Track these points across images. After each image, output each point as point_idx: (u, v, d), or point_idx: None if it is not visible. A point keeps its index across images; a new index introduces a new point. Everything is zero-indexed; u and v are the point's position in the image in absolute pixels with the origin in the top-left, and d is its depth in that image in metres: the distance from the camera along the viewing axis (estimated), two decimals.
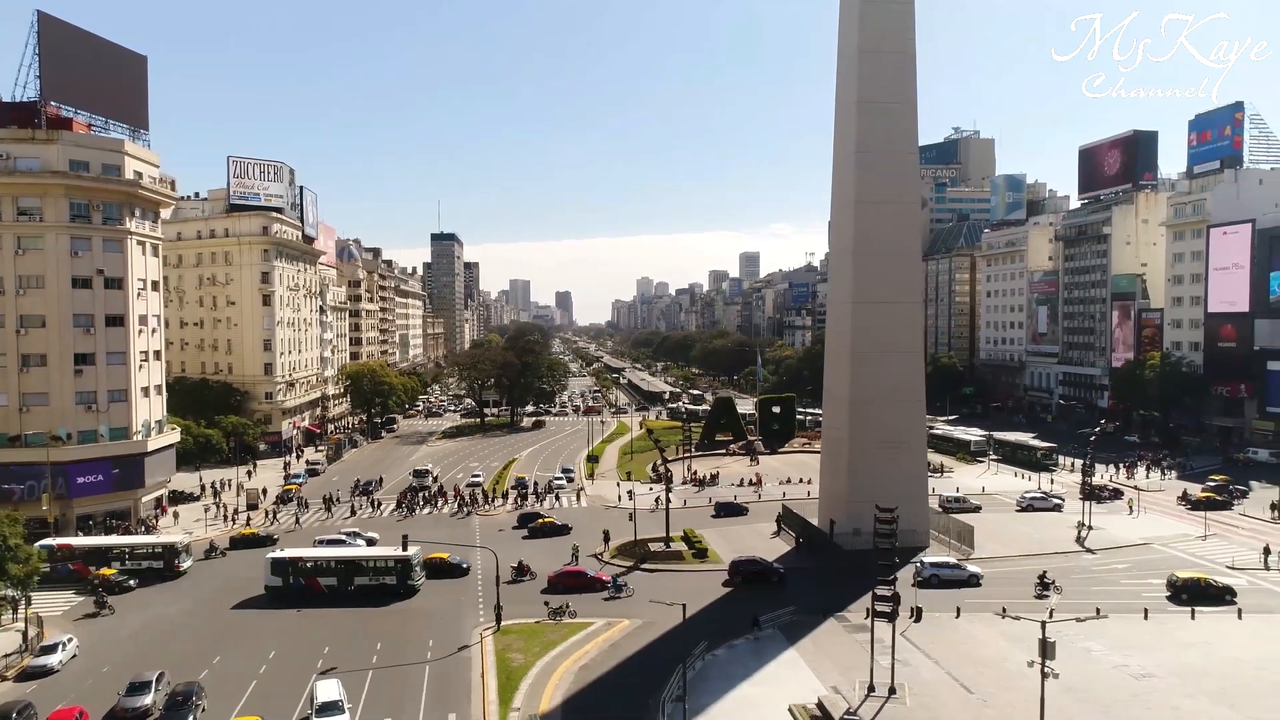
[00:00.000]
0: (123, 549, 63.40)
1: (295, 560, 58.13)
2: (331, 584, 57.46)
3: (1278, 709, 38.33)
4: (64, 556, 61.79)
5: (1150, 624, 49.24)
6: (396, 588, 56.89)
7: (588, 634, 49.35)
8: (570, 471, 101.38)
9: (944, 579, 57.79)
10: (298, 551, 60.29)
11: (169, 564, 62.60)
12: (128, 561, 62.10)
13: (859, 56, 65.11)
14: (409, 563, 57.74)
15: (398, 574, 57.35)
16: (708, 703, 40.13)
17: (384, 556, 58.51)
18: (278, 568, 57.74)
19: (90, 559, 62.05)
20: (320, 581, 57.47)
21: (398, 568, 57.47)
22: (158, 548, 63.51)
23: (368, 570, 57.84)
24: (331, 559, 58.84)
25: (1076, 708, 38.88)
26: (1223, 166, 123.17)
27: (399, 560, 57.70)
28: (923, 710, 38.97)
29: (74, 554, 62.34)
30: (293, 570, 57.66)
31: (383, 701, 40.85)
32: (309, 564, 58.03)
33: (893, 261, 65.72)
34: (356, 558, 59.14)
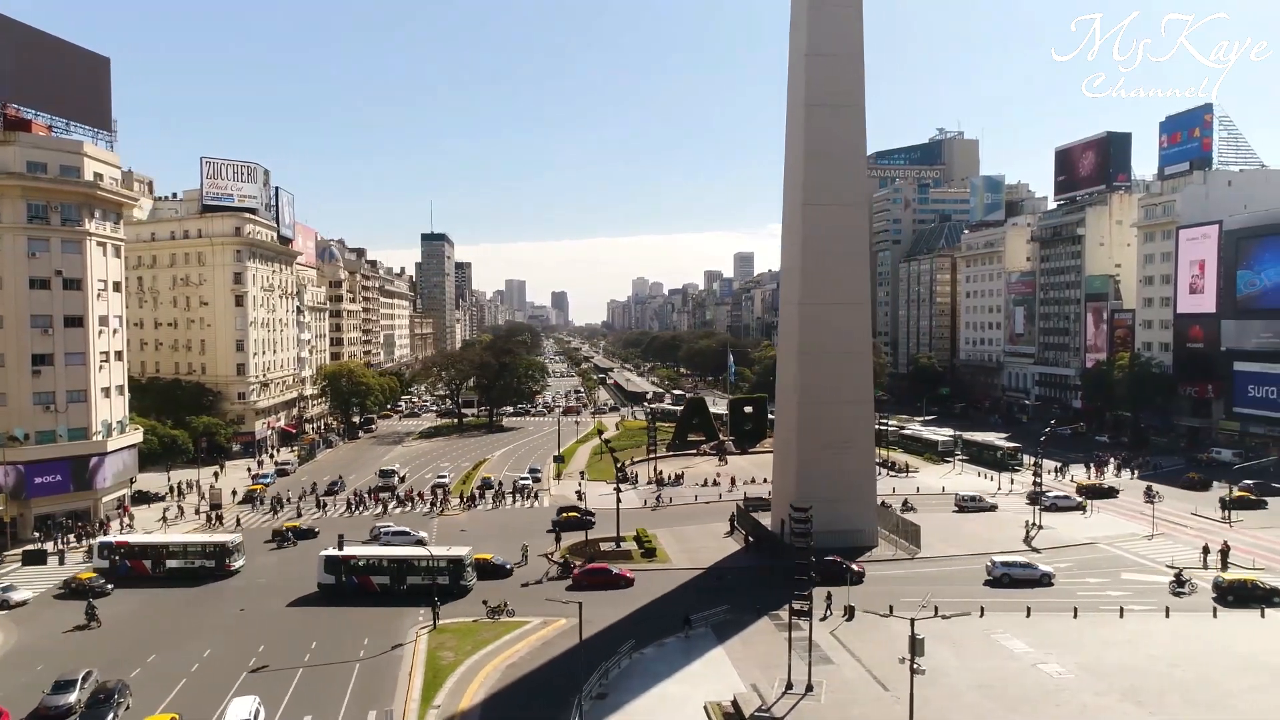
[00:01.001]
0: (177, 547, 63.42)
1: (348, 559, 58.10)
2: (384, 583, 57.23)
3: (1180, 706, 38.81)
4: (123, 554, 62.27)
5: (1079, 622, 49.75)
6: (450, 587, 56.64)
7: (521, 633, 49.83)
8: (537, 472, 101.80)
9: (1015, 578, 57.06)
10: (351, 550, 60.16)
11: (220, 563, 62.28)
12: (181, 560, 62.23)
13: (807, 59, 65.62)
14: (462, 563, 57.96)
15: (451, 574, 57.26)
16: (626, 700, 40.63)
17: (437, 556, 58.31)
18: (330, 566, 57.77)
19: (147, 557, 62.43)
20: (373, 580, 57.40)
21: (451, 568, 57.49)
22: (210, 547, 63.22)
23: (421, 570, 57.63)
24: (385, 558, 58.74)
25: (986, 705, 39.37)
26: (1192, 168, 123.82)
27: (452, 560, 57.90)
28: (835, 708, 39.44)
29: (132, 552, 62.69)
30: (345, 568, 57.60)
31: (307, 700, 41.24)
32: (362, 563, 58.01)
33: (840, 263, 66.18)
34: (410, 557, 58.92)
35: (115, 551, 62.64)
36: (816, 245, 66.03)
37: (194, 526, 78.27)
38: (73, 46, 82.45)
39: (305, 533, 73.80)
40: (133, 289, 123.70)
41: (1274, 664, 43.12)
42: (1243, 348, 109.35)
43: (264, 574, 63.31)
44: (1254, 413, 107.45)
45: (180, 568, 61.94)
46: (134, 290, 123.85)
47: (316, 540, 70.64)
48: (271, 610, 55.15)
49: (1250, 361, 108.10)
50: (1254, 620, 49.87)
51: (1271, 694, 39.79)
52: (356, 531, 72.23)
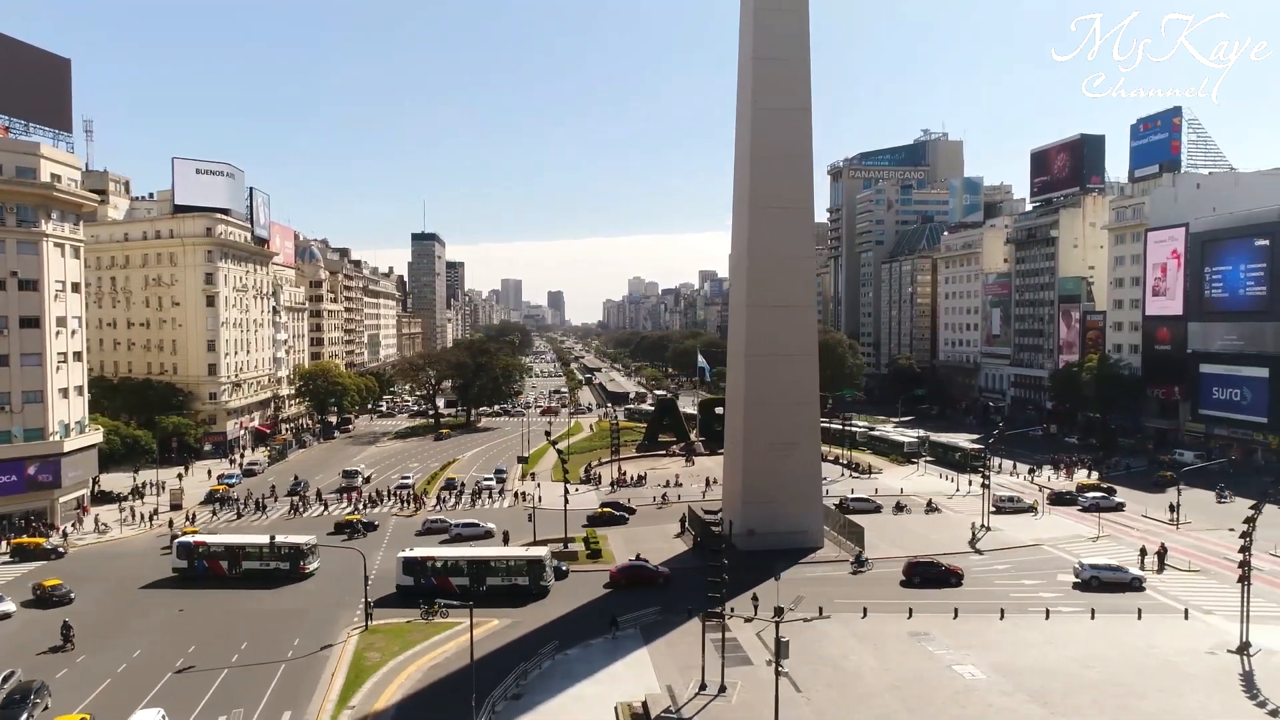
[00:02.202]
0: (253, 549, 62.38)
1: (426, 560, 58.23)
2: (463, 584, 56.63)
3: (1085, 705, 39.25)
4: (201, 554, 62.06)
5: (1005, 623, 50.18)
6: (529, 588, 56.78)
7: (451, 634, 50.07)
8: (503, 473, 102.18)
9: (1105, 581, 55.97)
10: (429, 551, 60.39)
11: (295, 565, 61.61)
12: (257, 562, 61.37)
13: (754, 63, 66.00)
14: (541, 563, 57.83)
15: (530, 575, 57.25)
16: (540, 700, 41.02)
17: (516, 557, 58.46)
18: (409, 567, 57.76)
19: (224, 557, 62.09)
20: (452, 582, 57.00)
21: (530, 568, 57.50)
22: (286, 549, 62.05)
23: (499, 570, 57.65)
24: (463, 559, 58.69)
25: (891, 705, 39.77)
26: (1161, 171, 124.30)
27: (531, 561, 57.90)
28: (743, 708, 39.84)
29: (209, 552, 62.40)
30: (424, 570, 57.64)
31: (225, 701, 41.54)
32: (440, 564, 58.09)
33: (787, 266, 66.62)
34: (488, 558, 58.94)
35: (193, 551, 62.09)
36: (763, 248, 66.45)
37: (160, 527, 78.56)
38: (32, 48, 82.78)
39: (370, 525, 76.32)
40: (106, 289, 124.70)
41: (1187, 665, 43.53)
42: (1208, 350, 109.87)
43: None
44: (1219, 414, 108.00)
45: (256, 569, 61.02)
46: (107, 290, 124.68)
47: (376, 532, 74.09)
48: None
49: (1215, 364, 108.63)
50: (1178, 623, 50.24)
51: (1179, 696, 40.20)
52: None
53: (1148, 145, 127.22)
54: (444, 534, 73.42)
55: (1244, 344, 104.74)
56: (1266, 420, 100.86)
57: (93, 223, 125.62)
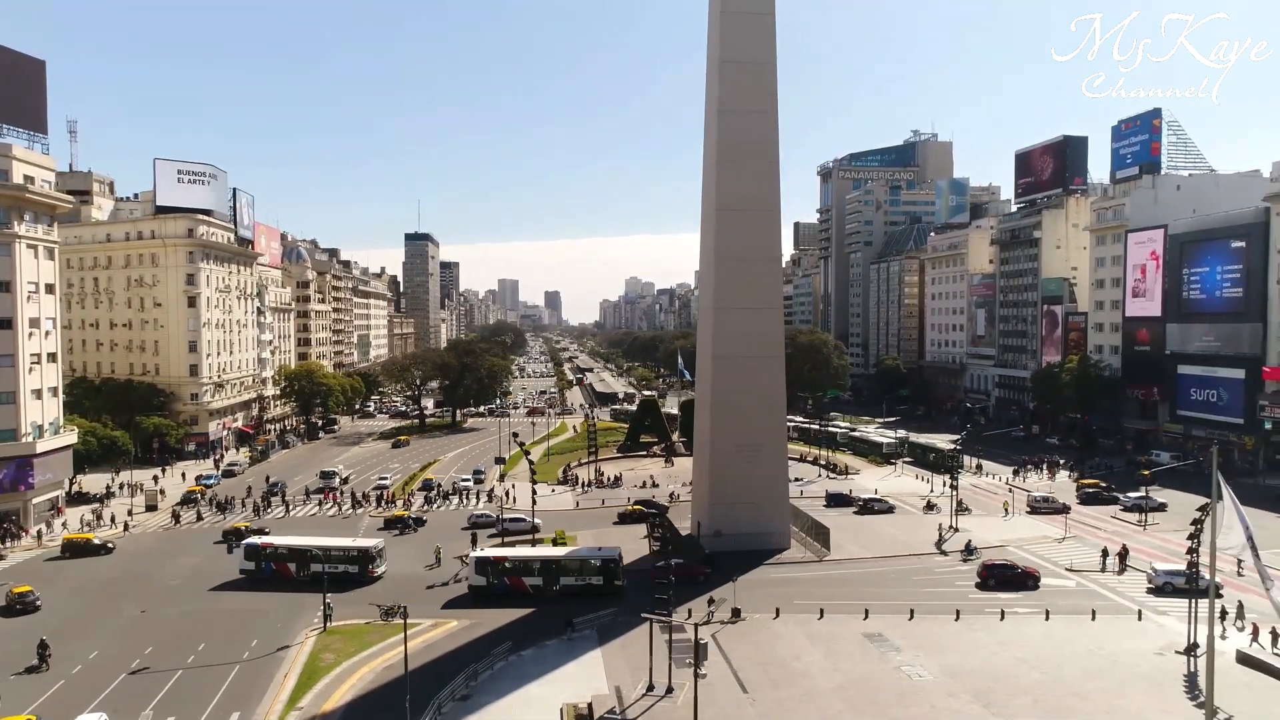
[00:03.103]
0: (320, 551, 61.80)
1: (499, 560, 58.00)
2: (537, 584, 56.81)
3: (1026, 706, 39.50)
4: (267, 556, 61.54)
5: (959, 625, 50.40)
6: (603, 588, 56.70)
7: (410, 634, 50.24)
8: (481, 474, 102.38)
9: (1180, 588, 52.86)
10: (501, 551, 60.14)
11: (364, 568, 60.87)
12: (325, 564, 60.09)
13: (719, 66, 66.26)
14: (615, 563, 57.78)
15: (604, 574, 57.25)
16: (488, 701, 41.20)
17: (590, 557, 58.34)
18: (481, 567, 57.43)
19: (291, 559, 61.46)
20: (525, 582, 56.95)
21: (604, 568, 57.48)
22: (354, 551, 61.72)
23: (572, 570, 57.52)
24: (537, 559, 58.47)
25: (837, 706, 39.99)
26: (1141, 173, 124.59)
27: (606, 560, 57.86)
28: (687, 708, 39.88)
29: (276, 554, 61.80)
30: (496, 569, 57.36)
31: (176, 702, 41.69)
32: (512, 564, 57.82)
33: (754, 268, 66.84)
34: (561, 558, 58.62)
35: (261, 553, 61.63)
36: (729, 250, 66.69)
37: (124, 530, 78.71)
38: (6, 50, 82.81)
39: (420, 520, 77.97)
40: (88, 290, 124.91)
41: (1134, 666, 43.75)
42: (1186, 351, 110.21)
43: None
44: (1196, 415, 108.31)
45: (325, 572, 59.06)
46: (90, 291, 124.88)
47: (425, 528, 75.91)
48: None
49: (1193, 365, 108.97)
50: (1130, 624, 50.50)
51: (1120, 696, 40.44)
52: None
53: (1128, 147, 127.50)
54: (490, 528, 74.02)
55: (1221, 345, 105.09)
56: (1242, 421, 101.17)
57: (75, 224, 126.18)
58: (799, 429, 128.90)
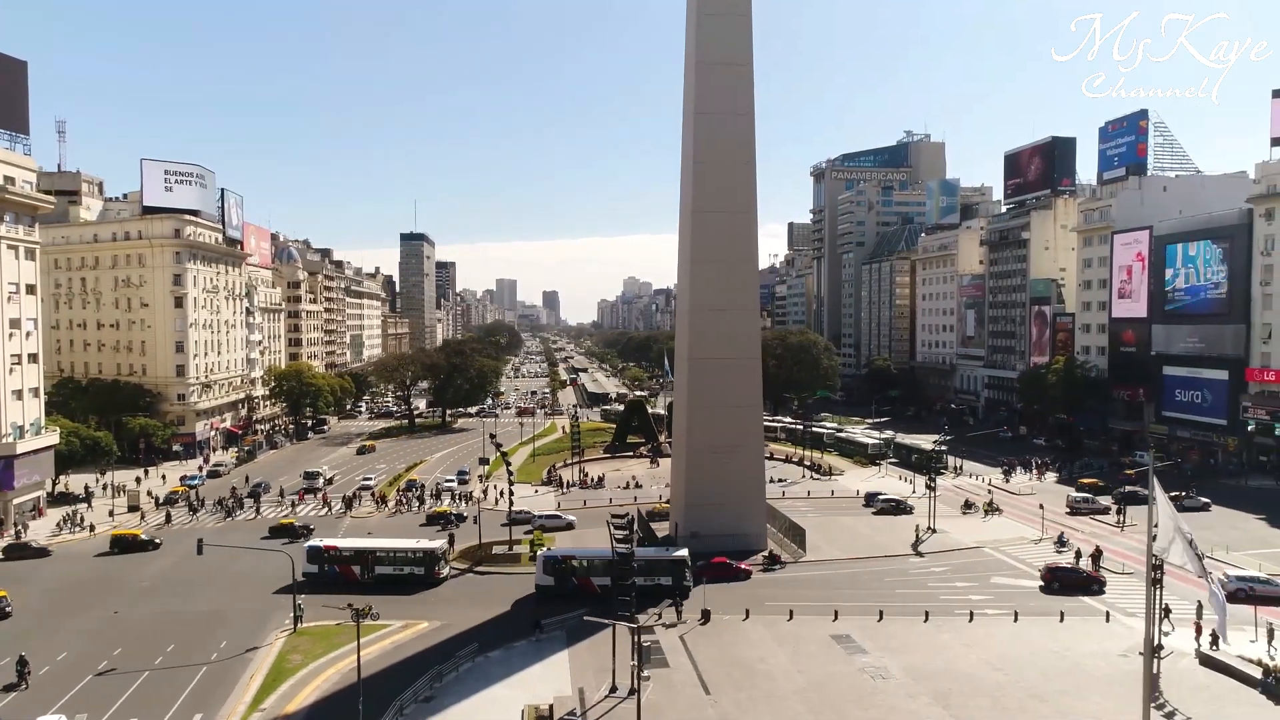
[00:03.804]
0: (385, 553, 61.11)
1: (568, 560, 57.91)
2: (605, 584, 54.92)
3: (985, 707, 39.62)
4: (330, 559, 60.69)
5: (928, 626, 50.52)
6: (673, 588, 56.29)
7: (378, 636, 50.33)
8: (465, 475, 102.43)
9: (1257, 595, 52.24)
10: (568, 551, 59.80)
11: (430, 570, 60.19)
12: (390, 566, 60.13)
13: (696, 68, 66.36)
14: (684, 563, 57.45)
15: (674, 575, 56.94)
16: (451, 703, 41.28)
17: (659, 558, 58.03)
18: (549, 566, 57.44)
19: (355, 562, 60.71)
20: (594, 582, 56.57)
21: (673, 568, 57.15)
22: (419, 553, 60.94)
23: (641, 571, 56.42)
24: (607, 559, 57.44)
25: (797, 707, 40.10)
26: (1128, 174, 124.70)
27: (675, 560, 57.51)
28: (650, 710, 39.91)
29: (340, 556, 60.93)
30: (565, 570, 57.27)
31: (139, 703, 41.74)
32: (582, 564, 57.60)
33: (729, 270, 66.90)
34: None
35: (323, 556, 60.86)
36: (705, 252, 66.75)
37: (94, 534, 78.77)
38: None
39: (461, 517, 79.21)
40: (75, 290, 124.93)
41: (1096, 668, 43.82)
42: (1171, 352, 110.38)
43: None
44: (1181, 416, 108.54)
45: (390, 574, 59.73)
46: (77, 291, 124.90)
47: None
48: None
49: (1177, 366, 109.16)
50: (1098, 626, 50.61)
51: (1079, 698, 40.53)
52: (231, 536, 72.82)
53: (1115, 148, 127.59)
54: (527, 524, 73.96)
55: (1205, 346, 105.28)
56: (1225, 422, 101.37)
57: (63, 224, 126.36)
58: (786, 429, 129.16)
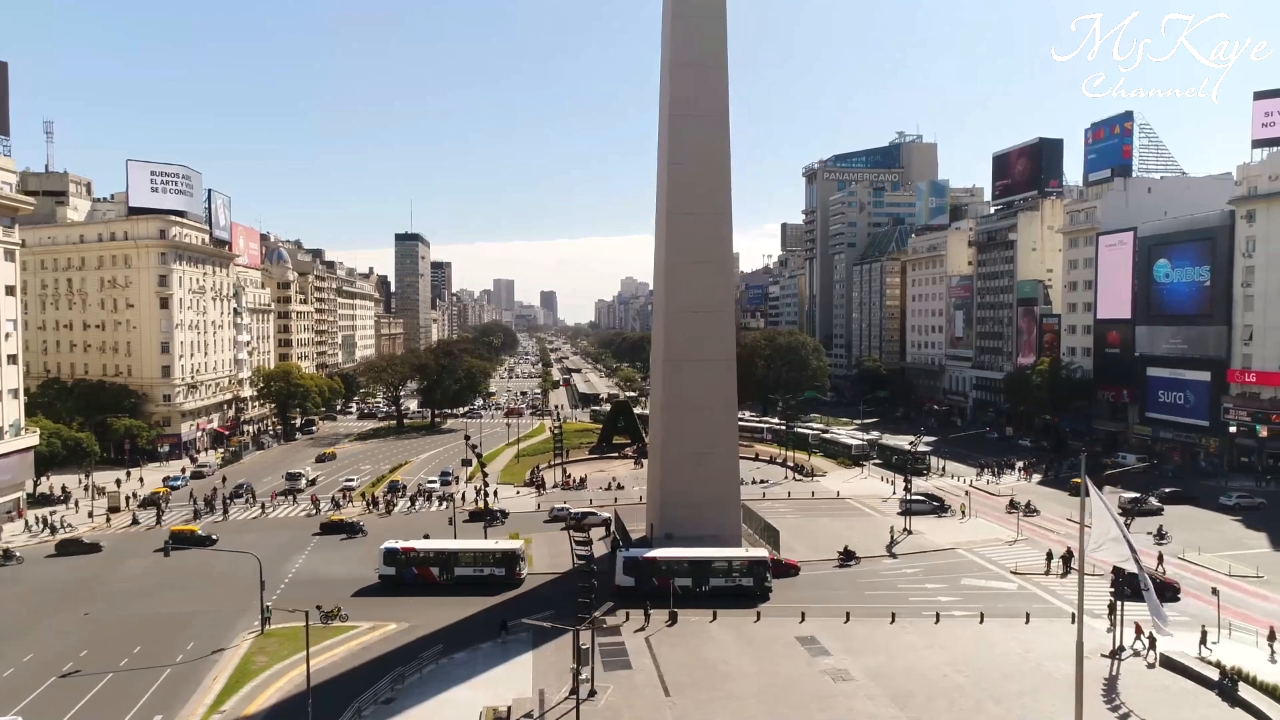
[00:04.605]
0: (465, 554, 60.81)
1: (650, 560, 57.84)
2: (686, 585, 56.41)
3: (941, 709, 39.73)
4: (409, 561, 60.23)
5: (894, 627, 50.64)
6: (753, 589, 56.43)
7: (345, 638, 50.48)
8: (448, 475, 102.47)
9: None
10: (656, 551, 59.50)
11: (511, 570, 59.87)
12: (471, 568, 59.83)
13: (670, 70, 66.37)
14: (765, 564, 57.67)
15: (754, 575, 56.96)
16: (410, 705, 41.30)
17: (740, 557, 58.28)
18: (630, 566, 57.55)
19: (434, 563, 60.41)
20: (675, 583, 56.39)
21: (754, 569, 57.17)
22: (499, 553, 60.61)
23: (722, 571, 57.18)
24: (687, 559, 58.26)
25: (755, 709, 40.18)
26: (1113, 175, 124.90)
27: (755, 561, 57.62)
28: (608, 711, 40.29)
29: (419, 558, 60.48)
30: (647, 570, 57.31)
31: (101, 705, 41.82)
32: (664, 564, 57.61)
33: (704, 272, 66.70)
34: (711, 558, 58.23)
35: (401, 558, 60.40)
36: (681, 254, 66.69)
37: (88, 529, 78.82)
38: None
39: (503, 513, 79.88)
40: (62, 291, 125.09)
41: (1056, 670, 43.71)
42: (1155, 353, 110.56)
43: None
44: (1164, 418, 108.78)
45: (470, 575, 59.35)
46: (63, 292, 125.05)
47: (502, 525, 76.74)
48: None
49: (1161, 367, 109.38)
50: (1064, 627, 50.63)
51: (1036, 699, 40.68)
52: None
53: (1100, 149, 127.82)
54: (562, 521, 75.60)
55: (1187, 348, 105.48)
56: (1208, 424, 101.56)
57: (50, 225, 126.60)
58: (771, 430, 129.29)
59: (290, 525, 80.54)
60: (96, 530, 78.90)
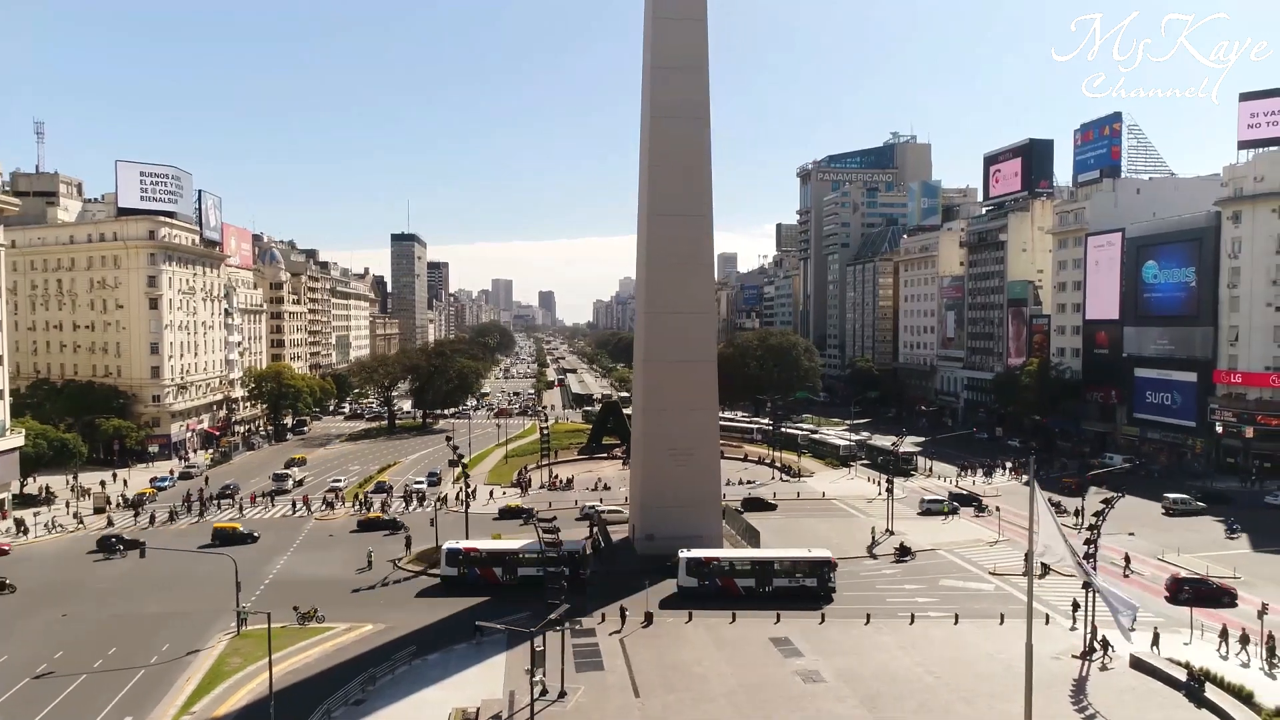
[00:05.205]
0: (529, 554, 59.95)
1: (711, 561, 57.71)
2: (749, 585, 56.51)
3: (910, 710, 39.81)
4: (471, 561, 59.86)
5: (868, 629, 50.67)
6: (816, 590, 56.22)
7: (321, 639, 50.58)
8: (435, 475, 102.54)
9: None
10: (714, 552, 59.40)
11: (575, 571, 57.76)
12: (535, 568, 58.23)
13: (651, 72, 66.55)
14: (828, 564, 57.28)
15: (818, 576, 56.59)
16: (380, 706, 41.31)
17: (803, 558, 57.62)
18: (693, 567, 57.19)
19: (496, 564, 59.96)
20: (737, 583, 56.77)
21: (817, 570, 56.82)
22: (564, 553, 58.36)
23: (785, 572, 56.98)
24: (749, 560, 58.16)
25: (724, 710, 40.26)
26: (1102, 176, 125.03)
27: (818, 562, 57.20)
28: (575, 712, 40.38)
29: (481, 559, 60.11)
30: (708, 570, 57.26)
31: (72, 707, 41.86)
32: (725, 564, 57.65)
33: (685, 272, 66.99)
34: (774, 559, 58.22)
35: (463, 558, 60.03)
36: (661, 255, 66.91)
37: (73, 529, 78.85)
38: None
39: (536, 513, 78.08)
40: (51, 291, 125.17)
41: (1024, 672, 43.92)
42: (1142, 354, 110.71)
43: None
44: (1152, 418, 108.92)
45: (533, 575, 57.77)
46: (53, 293, 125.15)
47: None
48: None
49: (1149, 368, 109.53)
50: (1037, 628, 50.63)
51: (1005, 700, 40.63)
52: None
53: (1090, 151, 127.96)
54: (591, 519, 74.83)
55: (1174, 348, 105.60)
56: (1195, 424, 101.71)
57: (40, 225, 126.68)
58: (761, 430, 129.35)
59: (288, 525, 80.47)
60: (80, 532, 78.94)
